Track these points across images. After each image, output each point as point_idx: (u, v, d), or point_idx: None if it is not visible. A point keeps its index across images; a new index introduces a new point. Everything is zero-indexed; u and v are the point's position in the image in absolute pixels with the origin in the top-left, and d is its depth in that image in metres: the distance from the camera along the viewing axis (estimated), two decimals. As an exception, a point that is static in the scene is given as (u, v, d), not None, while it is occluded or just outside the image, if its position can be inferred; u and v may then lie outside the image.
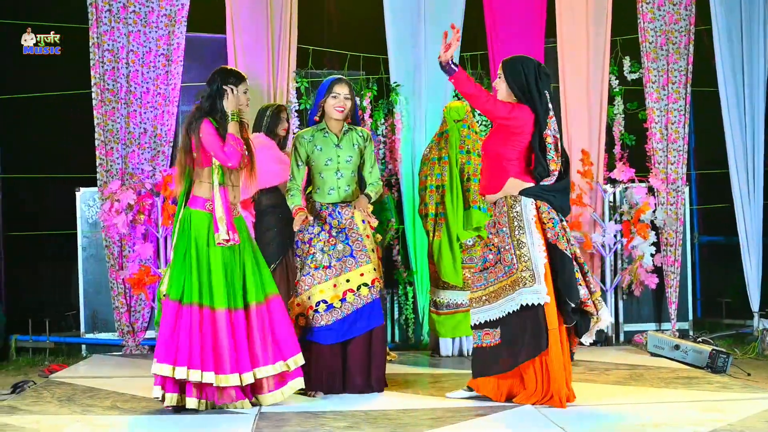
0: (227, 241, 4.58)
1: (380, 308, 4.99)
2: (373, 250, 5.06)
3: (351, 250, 4.99)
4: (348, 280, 4.96)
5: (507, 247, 4.58)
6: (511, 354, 4.53)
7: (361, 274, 4.98)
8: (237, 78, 4.73)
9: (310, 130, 5.10)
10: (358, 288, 4.96)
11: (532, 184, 4.63)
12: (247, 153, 4.69)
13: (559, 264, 4.54)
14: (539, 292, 4.46)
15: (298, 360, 4.65)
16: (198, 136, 4.61)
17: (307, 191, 5.22)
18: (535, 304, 4.46)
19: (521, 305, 4.48)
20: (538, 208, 4.60)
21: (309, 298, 4.95)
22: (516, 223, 4.58)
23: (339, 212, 5.03)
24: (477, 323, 4.68)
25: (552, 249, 4.57)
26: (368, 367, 4.96)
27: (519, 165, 4.66)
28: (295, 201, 5.04)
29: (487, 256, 4.69)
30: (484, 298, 4.66)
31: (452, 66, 4.59)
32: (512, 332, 4.53)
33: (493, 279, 4.63)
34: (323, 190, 5.07)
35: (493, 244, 4.67)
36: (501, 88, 4.77)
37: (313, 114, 5.13)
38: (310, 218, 4.96)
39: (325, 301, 4.94)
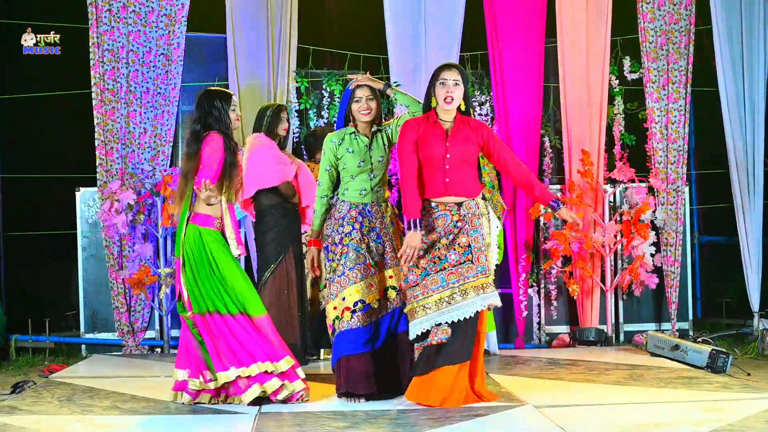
0: (239, 255, 4.75)
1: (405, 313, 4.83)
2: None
3: (383, 249, 4.84)
4: (380, 281, 4.81)
5: (482, 248, 4.56)
6: (462, 349, 4.51)
7: (390, 276, 4.83)
8: (222, 98, 4.76)
9: (339, 133, 4.94)
10: (386, 290, 4.82)
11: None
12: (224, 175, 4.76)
13: None
14: (497, 296, 4.57)
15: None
16: (201, 148, 4.69)
17: (336, 193, 5.00)
18: (494, 307, 4.56)
19: (487, 307, 4.54)
20: None
21: (344, 299, 4.75)
22: (487, 227, 4.59)
23: (369, 211, 4.87)
24: (435, 324, 4.52)
25: None
26: (398, 369, 4.81)
27: (477, 170, 4.70)
28: (314, 225, 4.97)
29: (448, 257, 4.56)
30: (446, 299, 4.52)
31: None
32: (464, 328, 4.51)
33: (456, 280, 4.52)
34: (355, 190, 4.88)
35: (459, 245, 4.56)
36: (458, 95, 4.61)
37: (340, 121, 5.00)
38: (316, 272, 5.00)
39: (363, 301, 4.74)
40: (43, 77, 7.54)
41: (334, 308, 4.79)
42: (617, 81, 7.27)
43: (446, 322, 4.49)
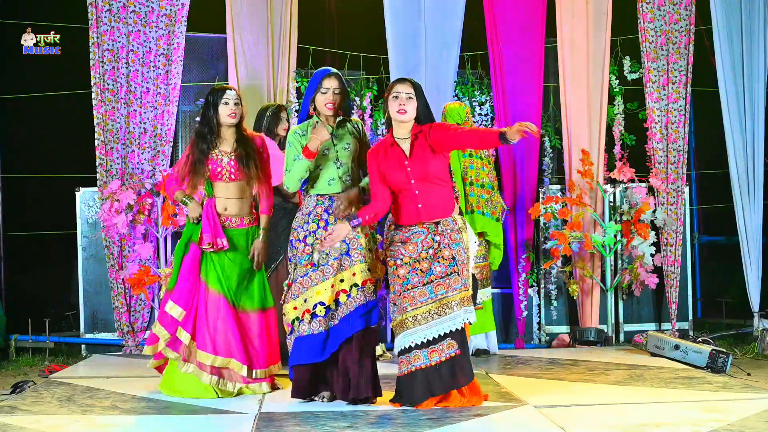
0: (210, 245, 4.91)
1: (368, 311, 4.62)
2: (369, 249, 4.72)
3: (348, 248, 4.65)
4: (342, 280, 4.64)
5: (464, 261, 4.54)
6: (467, 363, 4.52)
7: (353, 274, 4.64)
8: (214, 93, 4.82)
9: (303, 126, 4.80)
10: (350, 288, 4.63)
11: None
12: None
13: None
14: (474, 312, 4.57)
15: (274, 369, 4.98)
16: None
17: (305, 188, 4.88)
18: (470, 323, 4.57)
19: (467, 322, 4.54)
20: None
21: (306, 300, 4.65)
22: (466, 242, 4.55)
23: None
24: (431, 338, 4.47)
25: None
26: (361, 368, 4.62)
27: (448, 185, 4.63)
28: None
29: (433, 269, 4.52)
30: (434, 311, 4.48)
31: (355, 221, 4.53)
32: (464, 342, 4.53)
33: (444, 291, 4.49)
34: (322, 181, 4.74)
35: (443, 257, 4.51)
36: (411, 108, 4.53)
37: (304, 111, 4.85)
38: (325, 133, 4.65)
39: (323, 303, 4.62)
40: (43, 77, 7.54)
41: (294, 308, 4.68)
42: (617, 81, 7.27)
43: (446, 333, 4.48)
